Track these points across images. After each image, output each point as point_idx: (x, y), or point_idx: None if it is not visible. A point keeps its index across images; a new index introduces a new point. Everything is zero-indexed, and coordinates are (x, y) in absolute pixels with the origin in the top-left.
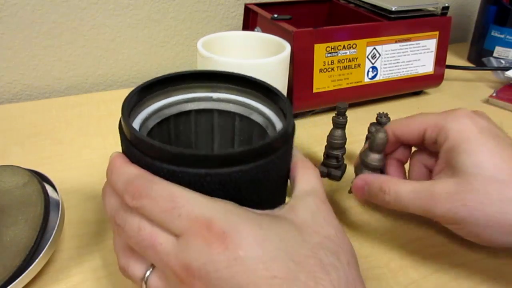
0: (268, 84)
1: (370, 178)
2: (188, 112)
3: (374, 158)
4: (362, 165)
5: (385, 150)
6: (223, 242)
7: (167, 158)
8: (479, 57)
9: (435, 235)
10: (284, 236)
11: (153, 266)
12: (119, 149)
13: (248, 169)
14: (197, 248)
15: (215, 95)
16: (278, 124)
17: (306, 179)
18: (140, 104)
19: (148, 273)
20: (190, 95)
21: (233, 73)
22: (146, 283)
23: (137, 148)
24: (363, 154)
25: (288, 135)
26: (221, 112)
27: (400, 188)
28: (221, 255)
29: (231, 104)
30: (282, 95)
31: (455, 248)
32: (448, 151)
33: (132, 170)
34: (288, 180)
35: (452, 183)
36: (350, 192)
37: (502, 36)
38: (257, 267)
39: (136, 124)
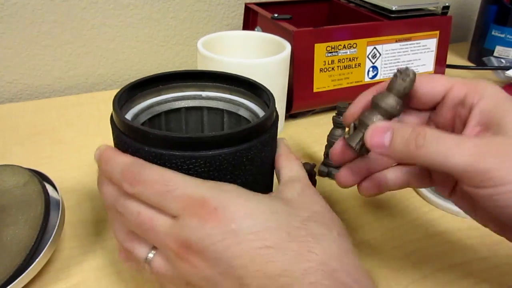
0: (253, 80)
1: (394, 124)
2: (179, 110)
3: (394, 102)
4: (374, 111)
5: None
6: (216, 217)
7: (154, 142)
8: (479, 57)
9: (435, 235)
10: (274, 210)
11: (154, 247)
12: None
13: (232, 152)
14: (193, 226)
15: (204, 93)
16: None
17: (290, 168)
18: (132, 100)
19: (150, 255)
20: (181, 93)
21: (220, 72)
22: (149, 264)
23: (126, 134)
24: (378, 97)
25: (269, 121)
26: (210, 109)
27: (442, 134)
28: (215, 229)
29: (219, 101)
30: (266, 88)
31: (456, 247)
32: (487, 111)
33: (125, 159)
34: (274, 173)
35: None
36: (356, 148)
37: (503, 35)
38: (249, 237)
39: (127, 117)
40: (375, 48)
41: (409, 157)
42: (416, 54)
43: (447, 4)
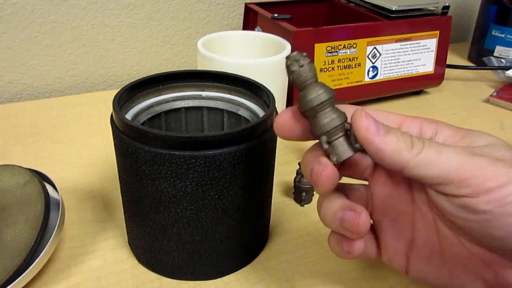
0: (253, 80)
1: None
2: (179, 110)
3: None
4: (319, 113)
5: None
6: None
7: (154, 142)
8: (479, 57)
9: None
10: None
11: None
12: None
13: (232, 152)
14: None
15: (204, 93)
16: None
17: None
18: (132, 100)
19: None
20: (180, 93)
21: (220, 72)
22: None
23: (126, 134)
24: (303, 101)
25: (269, 121)
26: (210, 109)
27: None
28: None
29: (219, 101)
30: (266, 88)
31: None
32: (451, 139)
33: None
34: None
35: None
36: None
37: (503, 35)
38: None
39: (127, 117)
40: (375, 48)
41: (401, 155)
42: (416, 54)
43: (447, 4)
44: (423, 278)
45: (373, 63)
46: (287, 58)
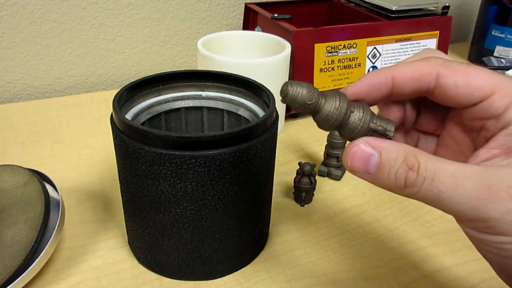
0: (253, 80)
1: (382, 144)
2: (179, 109)
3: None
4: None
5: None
6: None
7: (154, 142)
8: (479, 57)
9: (435, 234)
10: None
11: None
12: None
13: (232, 152)
14: None
15: (204, 93)
16: None
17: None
18: (132, 100)
19: None
20: (180, 93)
21: (220, 72)
22: None
23: (126, 134)
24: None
25: (269, 121)
26: (210, 109)
27: (440, 166)
28: None
29: (219, 101)
30: (266, 88)
31: (455, 247)
32: None
33: None
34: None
35: None
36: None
37: (503, 35)
38: None
39: (127, 117)
40: (375, 48)
41: (396, 191)
42: None
43: (447, 4)
44: None
45: (373, 63)
46: (282, 98)
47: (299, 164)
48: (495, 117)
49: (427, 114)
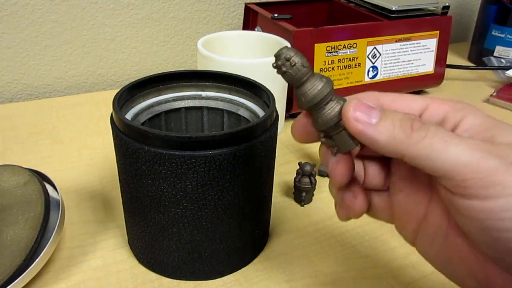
0: (253, 80)
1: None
2: (179, 109)
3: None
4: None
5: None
6: None
7: (154, 142)
8: (479, 57)
9: None
10: None
11: None
12: None
13: (232, 152)
14: None
15: (204, 93)
16: None
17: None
18: (132, 100)
19: None
20: (180, 93)
21: (220, 72)
22: None
23: (126, 134)
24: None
25: (269, 121)
26: (210, 109)
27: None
28: None
29: (219, 101)
30: (266, 88)
31: None
32: (474, 130)
33: None
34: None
35: None
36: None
37: (503, 35)
38: None
39: (127, 117)
40: (375, 48)
41: (399, 143)
42: (416, 54)
43: (447, 4)
44: (425, 255)
45: (373, 63)
46: (276, 57)
47: (299, 164)
48: (439, 124)
49: (373, 167)
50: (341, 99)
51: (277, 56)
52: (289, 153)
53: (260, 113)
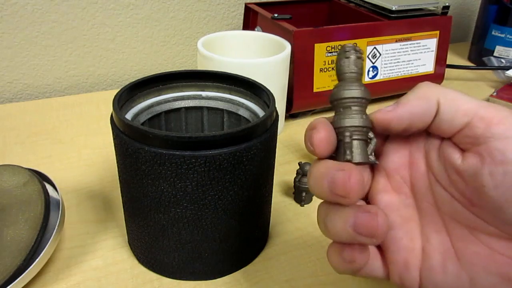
0: (253, 80)
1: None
2: (179, 109)
3: (358, 86)
4: (347, 111)
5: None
6: None
7: (154, 142)
8: (479, 57)
9: None
10: None
11: None
12: None
13: (232, 152)
14: None
15: (204, 93)
16: None
17: None
18: (132, 100)
19: None
20: (180, 93)
21: (220, 72)
22: None
23: (126, 134)
24: (338, 93)
25: (269, 121)
26: (210, 109)
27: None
28: None
29: (219, 101)
30: (266, 88)
31: None
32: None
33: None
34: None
35: None
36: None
37: (503, 35)
38: None
39: (127, 117)
40: (375, 48)
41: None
42: (416, 54)
43: (447, 4)
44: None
45: (373, 63)
46: (346, 46)
47: (299, 164)
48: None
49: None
50: (368, 117)
51: (348, 45)
52: (289, 153)
53: (260, 113)
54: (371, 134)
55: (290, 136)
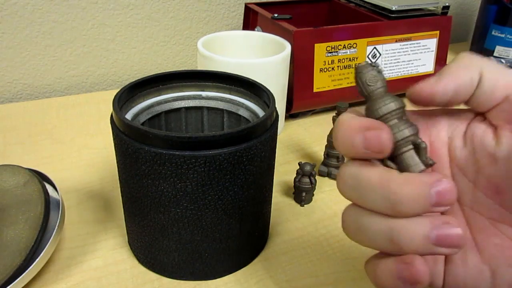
0: (253, 80)
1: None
2: (179, 109)
3: (392, 99)
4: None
5: None
6: None
7: (154, 142)
8: None
9: None
10: None
11: None
12: None
13: (232, 152)
14: None
15: (204, 93)
16: None
17: None
18: (132, 100)
19: None
20: (180, 93)
21: (220, 72)
22: None
23: (126, 134)
24: (374, 108)
25: (269, 121)
26: (210, 109)
27: None
28: None
29: (219, 101)
30: (266, 88)
31: None
32: None
33: None
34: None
35: None
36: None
37: (503, 35)
38: None
39: (127, 117)
40: (375, 48)
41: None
42: (416, 54)
43: (447, 4)
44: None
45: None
46: (361, 65)
47: (299, 164)
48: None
49: None
50: (410, 122)
51: (363, 63)
52: (289, 153)
53: (260, 113)
54: (417, 138)
55: (290, 136)
